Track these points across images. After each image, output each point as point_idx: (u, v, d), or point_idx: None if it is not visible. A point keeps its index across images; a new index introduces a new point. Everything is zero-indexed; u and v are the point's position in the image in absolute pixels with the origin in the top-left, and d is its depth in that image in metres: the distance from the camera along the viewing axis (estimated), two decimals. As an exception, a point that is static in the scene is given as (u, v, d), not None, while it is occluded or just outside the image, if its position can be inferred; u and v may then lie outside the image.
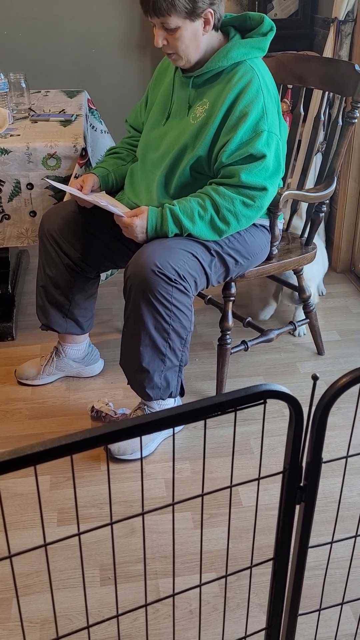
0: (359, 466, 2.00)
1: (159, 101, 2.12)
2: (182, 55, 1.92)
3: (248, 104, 1.89)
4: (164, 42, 1.90)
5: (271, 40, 1.98)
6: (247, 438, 2.15)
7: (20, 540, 1.80)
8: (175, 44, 1.90)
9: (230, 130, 1.91)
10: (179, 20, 1.85)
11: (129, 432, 0.84)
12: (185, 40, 1.89)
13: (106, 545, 1.78)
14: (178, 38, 1.88)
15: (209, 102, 1.96)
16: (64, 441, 0.80)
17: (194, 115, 1.99)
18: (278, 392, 0.90)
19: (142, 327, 1.92)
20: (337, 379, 0.94)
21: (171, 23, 1.85)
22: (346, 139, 2.24)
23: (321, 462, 0.99)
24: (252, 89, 1.90)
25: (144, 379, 1.99)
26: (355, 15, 2.78)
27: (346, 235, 3.13)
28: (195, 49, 1.92)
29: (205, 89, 1.99)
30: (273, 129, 1.94)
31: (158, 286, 1.87)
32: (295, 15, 3.31)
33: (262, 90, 1.91)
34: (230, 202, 1.92)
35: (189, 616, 1.59)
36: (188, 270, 1.92)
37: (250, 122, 1.89)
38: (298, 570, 1.09)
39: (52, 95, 2.90)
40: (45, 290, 2.24)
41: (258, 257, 2.16)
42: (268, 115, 1.92)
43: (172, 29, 1.87)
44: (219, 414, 0.88)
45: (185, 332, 1.98)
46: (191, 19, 1.86)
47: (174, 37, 1.88)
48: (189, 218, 1.92)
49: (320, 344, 2.57)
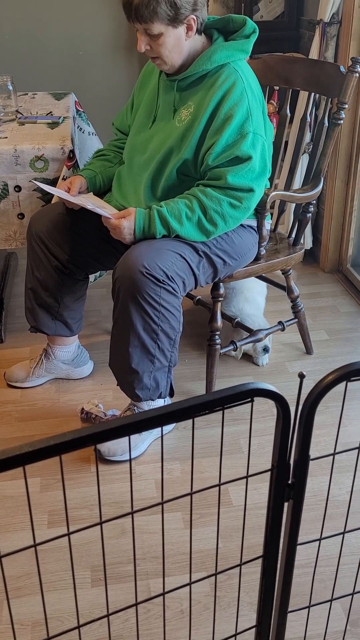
0: (347, 464, 2.02)
1: (144, 104, 2.12)
2: (165, 60, 1.93)
3: (233, 106, 1.90)
4: (146, 47, 1.91)
5: (254, 41, 1.99)
6: (236, 438, 2.16)
7: (11, 542, 1.79)
8: (158, 50, 1.91)
9: (216, 133, 1.92)
10: (161, 27, 1.86)
11: (119, 431, 0.84)
12: (168, 46, 1.90)
13: (97, 546, 1.78)
14: (161, 44, 1.89)
15: (194, 105, 1.97)
16: (53, 441, 0.81)
17: (179, 118, 2.00)
18: (265, 390, 0.91)
19: (131, 328, 1.92)
20: (324, 377, 0.95)
21: (154, 29, 1.86)
22: (332, 140, 2.26)
23: (309, 459, 0.99)
24: (236, 91, 1.91)
25: (133, 380, 2.00)
26: (341, 17, 2.80)
27: (334, 236, 3.15)
28: (179, 54, 1.93)
29: (189, 92, 1.99)
30: (258, 130, 1.95)
31: (146, 287, 1.87)
32: (281, 17, 3.33)
33: (246, 92, 1.92)
34: (217, 204, 1.93)
35: (180, 616, 1.60)
36: (176, 271, 1.93)
37: (235, 124, 1.90)
38: (287, 568, 1.09)
39: (40, 97, 2.90)
40: (34, 292, 2.24)
41: (246, 257, 2.17)
42: (253, 116, 1.93)
43: (155, 35, 1.87)
44: (207, 413, 0.89)
45: (174, 333, 1.99)
46: (174, 25, 1.87)
47: (157, 42, 1.89)
48: (177, 219, 1.93)
49: (309, 343, 2.59)
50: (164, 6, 1.81)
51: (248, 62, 2.05)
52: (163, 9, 1.81)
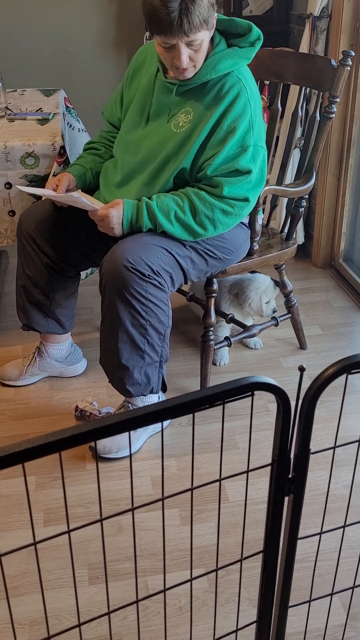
0: (344, 458, 2.01)
1: (137, 101, 2.07)
2: (197, 66, 1.87)
3: (236, 119, 1.88)
4: (188, 62, 1.83)
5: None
6: (232, 434, 2.15)
7: (7, 541, 1.78)
8: (197, 58, 1.84)
9: (218, 144, 1.90)
10: (204, 34, 1.80)
11: (117, 427, 0.83)
12: (204, 50, 1.84)
13: (94, 544, 1.77)
14: (201, 51, 1.83)
15: (194, 112, 1.93)
16: (52, 438, 0.80)
17: (176, 123, 1.96)
18: (265, 384, 0.90)
19: (119, 324, 1.91)
20: (324, 370, 0.94)
21: (198, 38, 1.79)
22: (324, 134, 2.25)
23: (309, 453, 0.99)
24: (240, 102, 1.89)
25: (123, 376, 1.98)
26: (330, 11, 2.80)
27: (326, 230, 3.15)
28: (204, 57, 1.88)
29: (188, 97, 1.95)
30: (259, 141, 1.94)
31: (132, 282, 1.86)
32: (270, 12, 3.32)
33: (249, 102, 1.90)
34: (209, 209, 1.93)
35: (178, 612, 1.59)
36: (162, 265, 1.92)
37: (237, 137, 1.88)
38: (288, 562, 1.09)
39: (29, 94, 2.88)
40: (25, 290, 2.22)
41: (238, 252, 2.16)
42: (254, 128, 1.91)
43: (197, 44, 1.80)
44: (208, 407, 0.88)
45: (163, 327, 1.97)
46: (210, 28, 1.82)
47: (198, 51, 1.82)
48: (165, 216, 1.91)
49: (303, 338, 2.58)
50: (207, 11, 1.75)
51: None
52: (207, 13, 1.75)
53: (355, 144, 2.92)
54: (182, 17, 1.72)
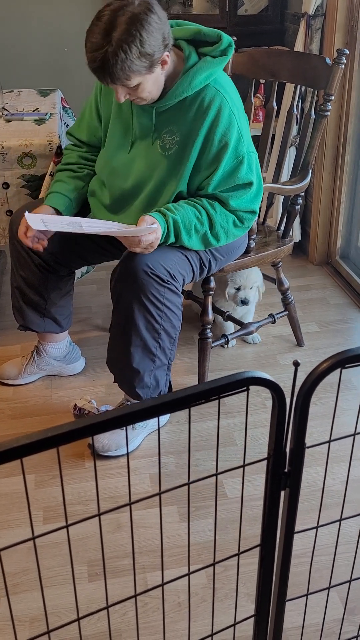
0: (340, 454, 2.03)
1: (118, 123, 1.98)
2: (146, 99, 1.81)
3: (225, 133, 1.85)
4: (126, 97, 1.79)
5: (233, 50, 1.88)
6: (230, 431, 2.16)
7: (7, 539, 1.79)
8: (139, 95, 1.79)
9: (213, 162, 1.87)
10: (139, 78, 1.73)
11: (115, 422, 0.84)
12: (148, 88, 1.78)
13: (93, 542, 1.78)
14: (142, 90, 1.77)
15: (179, 132, 1.88)
16: (50, 433, 0.81)
17: (162, 145, 1.91)
18: (260, 378, 0.91)
19: (133, 328, 1.91)
20: (318, 365, 0.95)
21: (132, 83, 1.73)
22: (319, 132, 2.26)
23: (304, 447, 1.00)
24: (225, 114, 1.84)
25: (134, 379, 1.99)
26: (325, 10, 2.81)
27: (322, 228, 3.16)
28: (158, 88, 1.81)
29: (169, 117, 1.89)
30: (250, 147, 1.93)
31: (151, 287, 1.86)
32: (265, 11, 3.33)
33: (233, 112, 1.86)
34: (225, 220, 1.94)
35: (177, 608, 1.60)
36: (178, 269, 1.93)
37: (230, 150, 1.86)
38: (285, 556, 1.10)
39: (25, 94, 2.88)
40: (19, 291, 2.23)
41: (236, 251, 2.18)
42: (243, 136, 1.89)
43: (134, 86, 1.75)
44: (203, 402, 0.89)
45: (175, 332, 1.98)
46: (150, 71, 1.73)
47: (137, 91, 1.77)
48: (187, 231, 1.89)
49: (300, 335, 2.60)
50: (137, 61, 1.67)
51: (231, 57, 2.03)
52: (137, 64, 1.67)
53: (351, 142, 2.93)
54: (104, 67, 1.67)
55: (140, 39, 1.65)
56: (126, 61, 1.65)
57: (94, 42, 1.66)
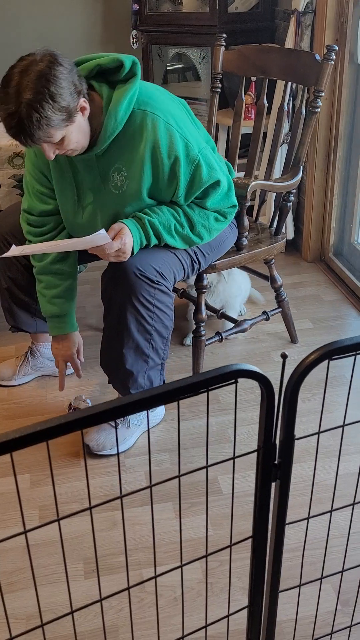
0: (333, 449, 2.04)
1: (63, 184, 1.93)
2: (76, 148, 1.77)
3: (170, 147, 1.80)
4: (55, 152, 1.75)
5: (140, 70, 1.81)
6: (224, 427, 2.17)
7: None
8: (68, 147, 1.74)
9: (171, 179, 1.83)
10: (62, 131, 1.68)
11: (105, 415, 0.85)
12: (74, 139, 1.73)
13: (89, 539, 1.79)
14: (69, 141, 1.72)
15: (125, 167, 1.84)
16: (39, 427, 0.81)
17: (114, 184, 1.87)
18: (248, 371, 0.92)
19: (125, 331, 1.91)
20: (306, 356, 0.96)
21: (56, 138, 1.69)
22: (310, 128, 2.27)
23: (294, 439, 1.01)
24: (161, 131, 1.79)
25: (127, 381, 1.99)
26: (315, 6, 2.82)
27: (315, 225, 3.17)
28: (85, 136, 1.77)
29: (110, 156, 1.85)
30: (200, 144, 1.87)
31: (141, 289, 1.86)
32: (255, 8, 3.34)
33: (169, 123, 1.80)
34: (205, 218, 1.94)
35: (173, 603, 1.61)
36: (168, 268, 1.93)
37: (182, 160, 1.82)
38: (277, 547, 1.11)
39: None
40: (9, 292, 2.23)
41: (223, 245, 2.17)
42: (189, 138, 1.83)
43: (59, 140, 1.70)
44: (192, 395, 0.89)
45: (167, 331, 1.99)
46: (71, 121, 1.69)
47: (64, 144, 1.72)
48: (168, 232, 1.89)
49: (294, 332, 2.60)
50: (54, 116, 1.62)
51: (222, 54, 2.03)
52: (54, 119, 1.63)
53: (343, 138, 2.94)
54: (22, 132, 1.64)
55: (50, 95, 1.61)
56: (42, 120, 1.61)
57: (6, 109, 1.62)
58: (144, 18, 3.49)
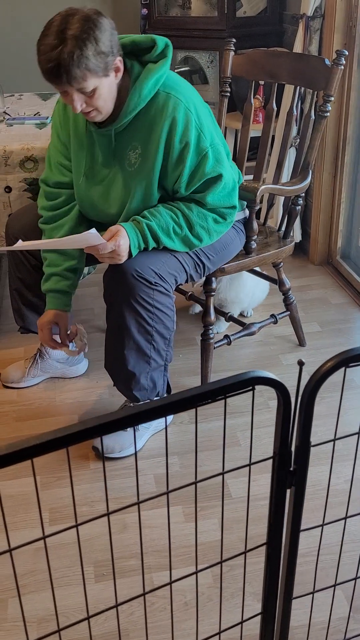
0: (344, 453, 2.04)
1: (81, 157, 1.98)
2: (101, 110, 1.80)
3: (184, 132, 1.83)
4: (82, 106, 1.77)
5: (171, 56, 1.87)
6: (233, 431, 2.17)
7: (13, 541, 1.80)
8: (96, 104, 1.77)
9: (178, 163, 1.86)
10: (96, 81, 1.72)
11: (124, 422, 0.85)
12: (104, 96, 1.77)
13: (99, 542, 1.79)
14: (97, 97, 1.75)
15: (140, 145, 1.87)
16: (59, 434, 0.82)
17: (128, 162, 1.90)
18: (266, 378, 0.92)
19: (126, 331, 1.92)
20: (323, 364, 0.97)
21: (89, 86, 1.71)
22: (319, 132, 2.28)
23: (310, 445, 1.01)
24: (180, 115, 1.83)
25: (130, 382, 2.00)
26: (323, 11, 2.82)
27: (323, 228, 3.17)
28: (112, 100, 1.81)
29: (128, 134, 1.89)
30: (213, 140, 1.90)
31: (139, 290, 1.87)
32: (264, 13, 3.35)
33: (189, 110, 1.84)
34: (203, 219, 1.94)
35: (183, 608, 1.61)
36: (168, 270, 1.93)
37: (192, 148, 1.84)
38: (291, 554, 1.11)
39: (26, 98, 2.90)
40: (18, 293, 2.24)
41: (229, 249, 2.17)
42: (204, 131, 1.87)
43: (90, 91, 1.73)
44: (210, 402, 0.90)
45: (169, 333, 1.99)
46: (106, 75, 1.73)
47: (94, 98, 1.75)
48: (166, 234, 1.90)
49: (302, 335, 2.61)
50: (93, 59, 1.66)
51: (231, 58, 2.03)
52: (93, 62, 1.67)
53: (351, 142, 2.95)
54: (60, 67, 1.65)
55: (94, 37, 1.66)
56: (82, 58, 1.65)
57: (48, 44, 1.65)
58: (153, 22, 3.50)
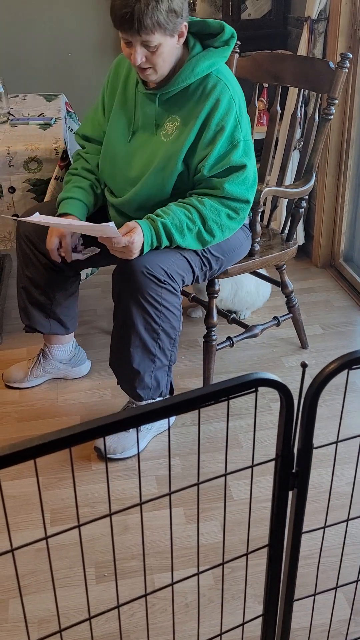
0: (347, 456, 2.03)
1: (121, 113, 2.05)
2: (158, 70, 1.87)
3: (223, 117, 1.89)
4: (143, 59, 1.83)
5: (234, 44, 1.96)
6: (235, 433, 2.17)
7: (15, 542, 1.79)
8: (155, 61, 1.84)
9: (208, 144, 1.91)
10: (161, 38, 1.79)
11: (126, 423, 0.86)
12: (164, 56, 1.84)
13: (100, 543, 1.79)
14: (159, 55, 1.82)
15: (180, 119, 1.94)
16: (62, 434, 0.82)
17: (165, 132, 1.96)
18: (269, 380, 0.92)
19: (132, 329, 1.93)
20: (325, 366, 0.97)
21: (154, 41, 1.79)
22: (323, 135, 2.28)
23: (312, 448, 1.01)
24: (224, 101, 1.89)
25: (134, 380, 2.01)
26: (328, 14, 2.82)
27: (326, 231, 3.17)
28: (170, 63, 1.88)
29: (172, 105, 1.95)
30: (248, 136, 1.97)
31: (148, 288, 1.87)
32: (268, 15, 3.35)
33: (233, 99, 1.91)
34: (216, 214, 1.94)
35: (184, 609, 1.61)
36: (176, 270, 1.94)
37: (226, 134, 1.90)
38: (293, 556, 1.11)
39: (30, 99, 2.90)
40: (25, 291, 2.25)
41: (238, 252, 2.18)
42: (242, 124, 1.94)
43: (154, 46, 1.80)
44: (213, 403, 0.90)
45: (175, 332, 2.00)
46: (171, 34, 1.81)
47: (155, 54, 1.82)
48: (179, 232, 1.91)
49: (304, 338, 2.61)
50: (165, 15, 1.76)
51: (236, 61, 2.06)
52: (165, 18, 1.76)
53: (354, 144, 2.95)
54: (134, 14, 1.74)
55: None
56: (156, 11, 1.74)
57: None
58: (157, 23, 3.50)
